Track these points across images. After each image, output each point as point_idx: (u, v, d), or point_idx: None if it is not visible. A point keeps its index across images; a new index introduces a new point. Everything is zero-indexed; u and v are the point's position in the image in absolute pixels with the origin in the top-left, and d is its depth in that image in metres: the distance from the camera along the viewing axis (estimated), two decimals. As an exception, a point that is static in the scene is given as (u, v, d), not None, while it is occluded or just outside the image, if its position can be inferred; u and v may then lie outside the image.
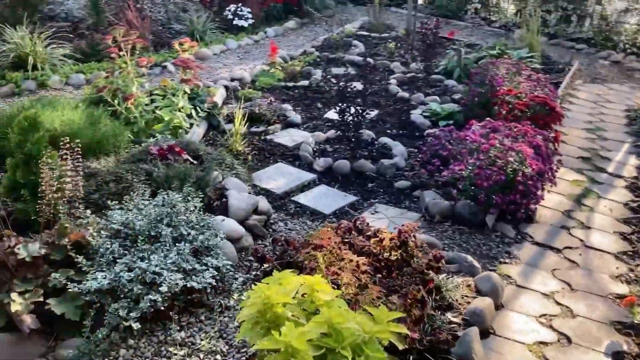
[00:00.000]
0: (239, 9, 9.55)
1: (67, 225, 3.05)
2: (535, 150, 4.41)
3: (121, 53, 5.15)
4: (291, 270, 3.13)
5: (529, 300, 3.48)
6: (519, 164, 4.15)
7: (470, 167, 4.16)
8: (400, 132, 5.86)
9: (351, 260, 3.05)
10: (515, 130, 4.57)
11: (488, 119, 4.95)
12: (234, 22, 9.46)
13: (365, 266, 3.12)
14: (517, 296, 3.54)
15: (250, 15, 9.60)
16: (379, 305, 2.72)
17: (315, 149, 5.33)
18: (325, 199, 4.50)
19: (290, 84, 7.06)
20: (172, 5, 9.61)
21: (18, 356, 2.66)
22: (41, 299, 2.75)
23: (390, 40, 9.13)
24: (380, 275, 3.21)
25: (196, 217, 3.44)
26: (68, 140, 3.57)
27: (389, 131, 5.86)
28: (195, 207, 3.51)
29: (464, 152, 4.35)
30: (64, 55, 7.09)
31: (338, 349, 2.14)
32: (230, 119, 5.66)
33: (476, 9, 11.03)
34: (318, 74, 7.38)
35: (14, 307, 2.64)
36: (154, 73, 7.19)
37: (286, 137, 5.61)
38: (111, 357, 2.74)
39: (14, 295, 2.67)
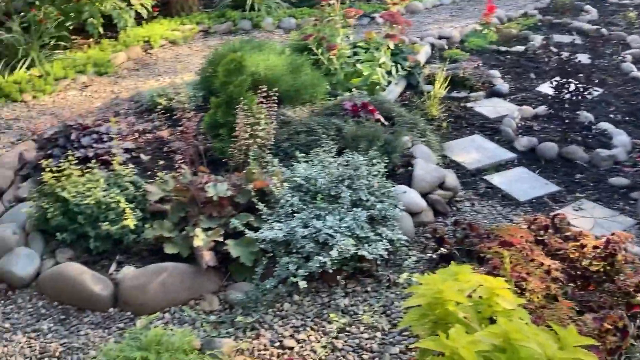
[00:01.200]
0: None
1: (254, 171, 3.11)
2: None
3: (331, 1, 5.10)
4: (470, 261, 2.87)
5: None
6: None
7: None
8: (627, 118, 5.01)
9: (542, 264, 2.67)
10: None
11: None
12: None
13: (557, 272, 2.72)
14: None
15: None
16: (568, 324, 2.34)
17: (519, 124, 4.80)
18: (522, 183, 4.04)
19: (503, 49, 6.45)
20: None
21: (194, 287, 2.82)
22: (221, 239, 2.86)
23: (631, 8, 7.85)
24: (573, 286, 2.79)
25: (378, 183, 3.30)
26: (267, 87, 3.63)
27: (612, 116, 5.05)
28: (379, 172, 3.36)
29: None
30: (280, -2, 7.33)
31: (511, 370, 1.86)
32: (430, 80, 5.35)
33: None
34: (537, 39, 6.63)
35: (197, 242, 2.77)
36: (362, 24, 7.11)
37: (489, 107, 5.15)
38: (275, 309, 2.78)
39: (197, 231, 2.82)
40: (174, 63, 6.17)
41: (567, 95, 4.48)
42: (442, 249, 3.04)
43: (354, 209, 3.05)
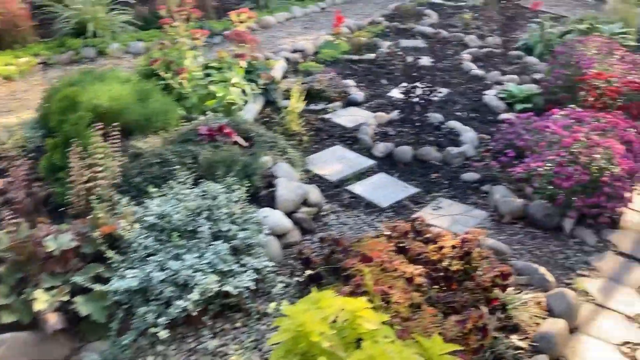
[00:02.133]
0: (306, -26, 9.12)
1: (100, 216, 2.86)
2: (627, 147, 3.84)
3: (175, 23, 4.91)
4: (337, 279, 2.84)
5: (609, 324, 3.02)
6: (606, 162, 3.62)
7: (549, 164, 3.66)
8: (472, 115, 5.35)
9: (404, 273, 2.71)
10: (603, 121, 4.00)
11: (572, 106, 4.39)
12: (301, -12, 9.06)
13: (420, 278, 2.77)
14: (596, 317, 3.08)
15: (317, -19, 9.16)
16: (433, 332, 2.38)
17: (376, 131, 4.94)
18: (384, 189, 4.13)
19: (355, 57, 6.64)
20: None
21: (41, 357, 2.52)
22: (67, 297, 2.58)
23: (466, 10, 8.47)
24: (437, 288, 2.86)
25: (240, 209, 3.18)
26: (112, 119, 3.38)
27: (458, 113, 5.37)
28: (240, 198, 3.24)
29: (542, 145, 3.85)
30: (125, 22, 6.97)
31: (379, 396, 1.83)
32: (288, 96, 5.35)
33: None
34: (385, 46, 6.91)
35: (38, 306, 2.48)
36: (214, 42, 6.96)
37: (346, 117, 5.25)
38: (138, 364, 2.56)
39: (38, 292, 2.52)
40: (9, 101, 5.61)
41: (416, 99, 4.67)
42: (309, 270, 2.98)
43: (215, 242, 2.91)
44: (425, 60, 6.44)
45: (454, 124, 5.02)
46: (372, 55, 6.67)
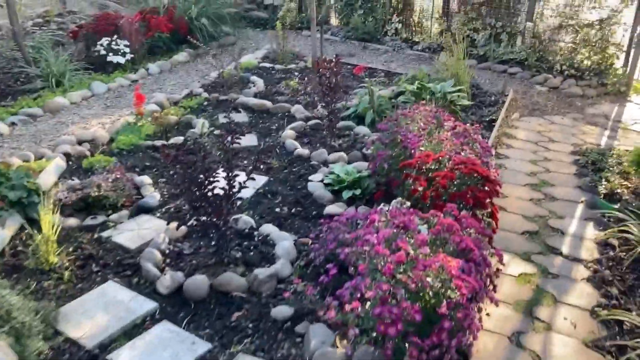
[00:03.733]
0: (113, 43, 7.90)
1: None
2: (466, 257, 3.03)
3: None
4: None
5: None
6: (441, 286, 2.75)
7: (368, 303, 2.72)
8: (294, 209, 4.38)
9: None
10: (435, 223, 3.18)
11: (399, 200, 3.57)
12: (108, 59, 7.80)
13: None
14: None
15: (128, 50, 7.96)
16: None
17: (168, 250, 3.79)
18: (162, 351, 2.96)
19: (159, 143, 5.48)
20: (35, 41, 7.81)
21: None
22: None
23: (296, 74, 7.72)
24: None
25: None
26: None
27: (278, 209, 4.38)
28: None
29: (363, 269, 2.91)
30: None
31: None
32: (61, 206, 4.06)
33: (397, 30, 9.76)
34: (200, 125, 5.84)
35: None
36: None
37: (132, 233, 4.04)
38: None
39: None
40: None
41: (222, 193, 3.56)
42: None
43: None
44: (247, 140, 5.48)
45: (268, 229, 4.01)
46: (181, 139, 5.56)
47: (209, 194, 3.56)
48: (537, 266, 3.86)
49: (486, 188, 3.81)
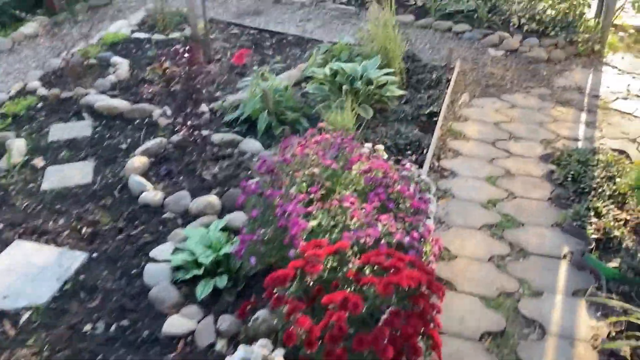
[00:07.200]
0: None
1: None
2: None
3: None
4: None
5: None
6: None
7: None
8: (114, 326, 2.68)
9: None
10: None
11: (265, 345, 1.93)
12: None
13: None
14: None
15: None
16: None
17: None
18: None
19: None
20: None
21: None
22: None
23: (178, 49, 5.76)
24: None
25: None
26: None
27: (88, 326, 2.67)
28: None
29: None
30: None
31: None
32: None
33: (317, -25, 7.78)
34: (8, 154, 3.96)
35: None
36: None
37: None
38: None
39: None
40: None
41: None
42: None
43: None
44: (77, 174, 3.69)
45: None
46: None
47: None
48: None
49: (421, 306, 2.19)
